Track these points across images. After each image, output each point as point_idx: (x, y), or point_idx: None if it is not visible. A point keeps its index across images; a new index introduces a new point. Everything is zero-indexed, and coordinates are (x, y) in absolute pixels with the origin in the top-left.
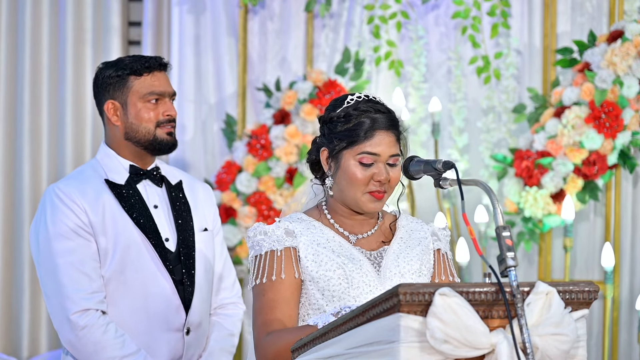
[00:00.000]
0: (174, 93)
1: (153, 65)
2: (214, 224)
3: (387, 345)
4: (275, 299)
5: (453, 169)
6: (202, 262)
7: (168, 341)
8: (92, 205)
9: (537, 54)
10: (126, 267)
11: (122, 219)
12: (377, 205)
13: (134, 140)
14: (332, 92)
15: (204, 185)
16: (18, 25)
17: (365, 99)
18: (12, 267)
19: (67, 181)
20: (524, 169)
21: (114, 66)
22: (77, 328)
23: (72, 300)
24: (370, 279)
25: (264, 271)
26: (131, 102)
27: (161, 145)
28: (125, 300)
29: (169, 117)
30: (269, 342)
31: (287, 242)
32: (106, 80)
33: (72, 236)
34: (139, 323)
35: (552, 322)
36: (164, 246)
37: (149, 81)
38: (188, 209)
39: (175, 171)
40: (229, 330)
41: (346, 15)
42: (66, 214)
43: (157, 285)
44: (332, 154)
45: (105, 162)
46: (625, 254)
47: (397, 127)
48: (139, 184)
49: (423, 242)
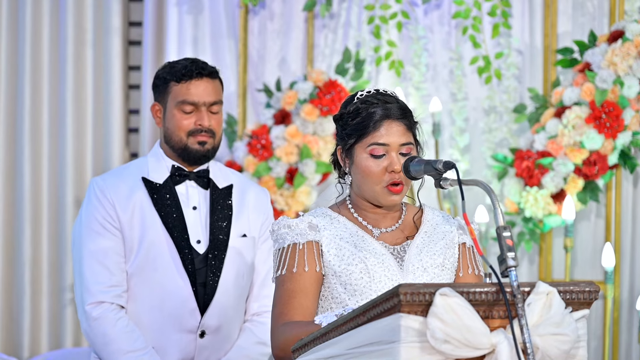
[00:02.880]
0: (214, 102)
1: (191, 72)
2: (260, 231)
3: (387, 346)
4: (293, 289)
5: (453, 169)
6: (233, 266)
7: (179, 342)
8: (122, 201)
9: (538, 54)
10: (148, 264)
11: (150, 217)
12: (395, 198)
13: (170, 145)
14: (332, 92)
15: (259, 190)
16: (18, 25)
17: (375, 92)
18: (13, 267)
19: (107, 176)
20: (524, 169)
21: (166, 67)
22: (90, 319)
23: (89, 292)
24: (392, 273)
25: (285, 263)
26: (169, 108)
27: (190, 154)
28: (144, 297)
29: (200, 126)
30: (281, 332)
31: (310, 236)
32: (156, 82)
33: (100, 230)
34: (154, 321)
35: (553, 322)
36: (191, 247)
37: (185, 89)
38: (229, 213)
39: (230, 174)
40: (259, 338)
41: (346, 15)
42: (97, 207)
43: (175, 285)
44: (346, 150)
45: (152, 160)
46: (625, 254)
47: (407, 117)
48: (181, 184)
49: (448, 236)
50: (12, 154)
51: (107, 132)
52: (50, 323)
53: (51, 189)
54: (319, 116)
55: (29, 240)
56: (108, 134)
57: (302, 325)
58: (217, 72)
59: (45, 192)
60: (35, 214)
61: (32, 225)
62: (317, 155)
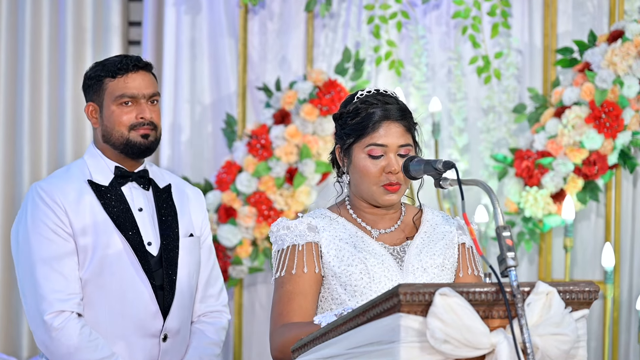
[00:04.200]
0: (152, 94)
1: (126, 66)
2: (202, 230)
3: (387, 345)
4: (292, 290)
5: (453, 168)
6: (185, 268)
7: (144, 347)
8: (72, 206)
9: (538, 53)
10: (104, 269)
11: (103, 220)
12: (393, 197)
13: (111, 144)
14: (332, 92)
15: (194, 190)
16: (18, 25)
17: (375, 92)
18: (12, 267)
19: (50, 180)
20: (524, 168)
21: (96, 67)
22: (51, 329)
23: (47, 301)
24: (392, 273)
25: (284, 264)
26: (106, 105)
27: (134, 148)
28: (102, 303)
29: (142, 119)
30: (280, 334)
31: (309, 237)
32: (87, 82)
33: (51, 236)
34: (115, 327)
35: (553, 322)
36: (145, 250)
37: (122, 83)
38: (174, 213)
39: (165, 174)
40: (211, 338)
41: (346, 15)
42: (46, 213)
43: (135, 289)
44: (344, 150)
45: (91, 162)
46: (625, 254)
47: (406, 118)
48: (124, 186)
49: (447, 236)
50: (11, 153)
51: None
52: None
53: None
54: (318, 116)
55: None
56: None
57: (302, 326)
58: (152, 65)
59: None
60: None
61: None
62: (317, 155)
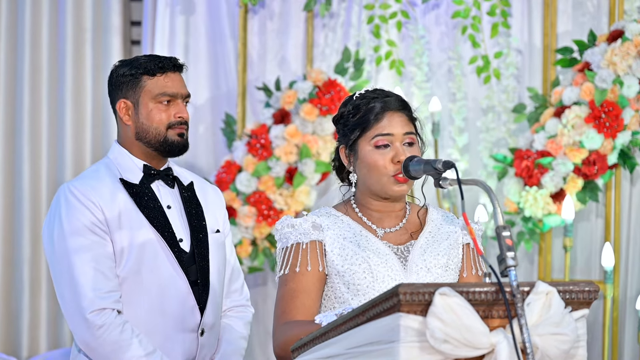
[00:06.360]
0: (187, 95)
1: (167, 65)
2: (224, 226)
3: (387, 345)
4: (296, 288)
5: (453, 168)
6: (215, 263)
7: (183, 342)
8: (107, 204)
9: (537, 53)
10: (142, 266)
11: (137, 218)
12: (403, 187)
13: (145, 141)
14: (332, 92)
15: (214, 188)
16: (18, 25)
17: (373, 89)
18: (12, 267)
19: (82, 180)
20: (524, 168)
21: (129, 65)
22: (93, 327)
23: (88, 299)
24: (395, 273)
25: (288, 262)
26: (143, 102)
27: (171, 147)
28: (141, 300)
29: (180, 118)
30: (282, 332)
31: (314, 236)
32: (120, 79)
33: (88, 234)
34: (155, 323)
35: (552, 322)
36: (179, 246)
37: (162, 82)
38: (200, 210)
39: (186, 173)
40: (240, 333)
41: (346, 14)
42: (82, 211)
43: (174, 285)
44: (349, 147)
45: (119, 161)
46: (625, 254)
47: (407, 108)
48: (152, 184)
49: (452, 237)
50: (11, 153)
51: (106, 131)
52: (49, 323)
53: (50, 188)
54: (318, 116)
55: (28, 240)
56: (107, 134)
57: (303, 325)
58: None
59: (44, 192)
60: (34, 214)
61: (31, 225)
62: (317, 154)
